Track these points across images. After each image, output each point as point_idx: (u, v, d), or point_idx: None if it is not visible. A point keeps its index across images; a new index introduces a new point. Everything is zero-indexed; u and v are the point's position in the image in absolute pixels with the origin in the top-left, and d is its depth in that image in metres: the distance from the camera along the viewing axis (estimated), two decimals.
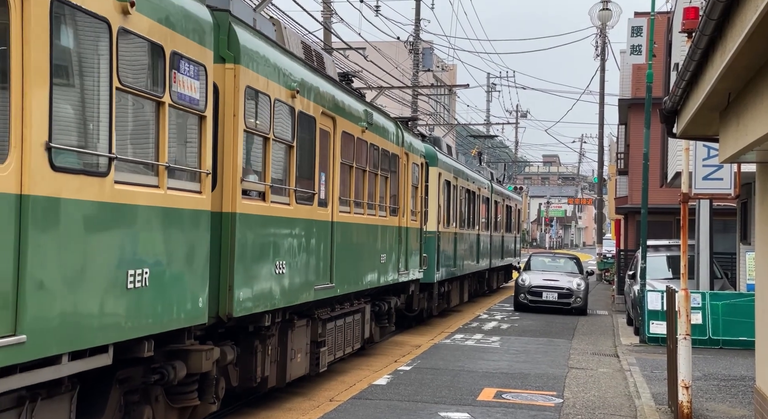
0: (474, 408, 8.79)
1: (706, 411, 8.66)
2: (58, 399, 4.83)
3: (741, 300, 13.67)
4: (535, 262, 22.66)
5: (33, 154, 4.29)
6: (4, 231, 4.15)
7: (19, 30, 4.25)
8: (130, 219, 5.25)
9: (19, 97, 4.23)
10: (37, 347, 4.34)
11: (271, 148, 7.63)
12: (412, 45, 28.71)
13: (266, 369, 7.93)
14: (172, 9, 5.71)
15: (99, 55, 4.89)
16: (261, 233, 7.42)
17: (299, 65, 8.50)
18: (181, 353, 6.13)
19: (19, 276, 4.22)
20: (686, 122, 7.16)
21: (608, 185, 38.97)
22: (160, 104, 5.56)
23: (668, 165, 16.58)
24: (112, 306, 5.05)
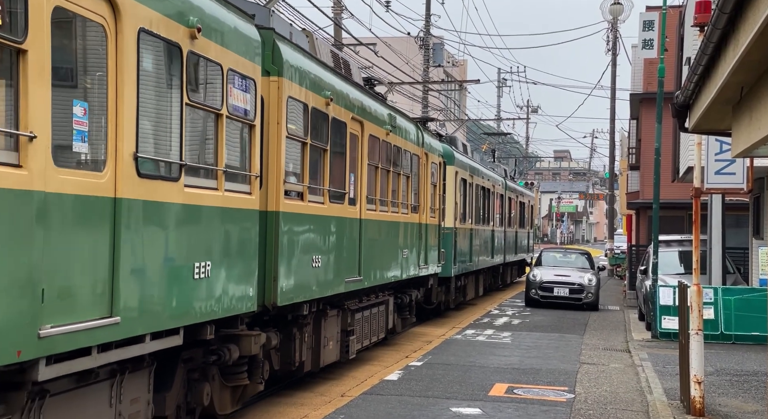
0: (485, 403, 8.80)
1: (719, 406, 8.64)
2: (140, 373, 5.68)
3: (753, 295, 13.65)
4: (546, 258, 22.65)
5: (124, 164, 5.10)
6: (102, 230, 4.95)
7: (114, 57, 5.04)
8: (196, 218, 6.05)
9: (113, 115, 5.03)
10: (127, 327, 5.14)
11: (308, 152, 8.47)
12: (423, 40, 28.69)
13: (303, 354, 8.84)
14: (228, 30, 6.54)
15: (172, 75, 5.72)
16: (300, 230, 8.25)
17: (331, 74, 9.34)
18: (234, 337, 6.95)
19: (113, 267, 5.02)
20: (698, 116, 7.13)
21: (620, 180, 38.85)
22: (218, 116, 6.40)
23: (680, 159, 16.52)
24: (183, 294, 5.85)
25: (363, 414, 8.19)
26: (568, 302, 20.40)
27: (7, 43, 4.08)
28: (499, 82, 51.04)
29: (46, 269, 4.36)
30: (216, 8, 6.33)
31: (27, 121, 4.22)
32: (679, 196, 21.05)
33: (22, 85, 4.20)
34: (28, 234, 4.25)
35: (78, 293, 4.68)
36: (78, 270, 4.69)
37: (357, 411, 8.30)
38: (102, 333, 4.86)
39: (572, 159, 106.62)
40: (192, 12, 5.87)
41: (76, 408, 4.98)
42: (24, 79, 4.20)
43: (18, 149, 4.21)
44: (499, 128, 50.31)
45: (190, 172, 5.88)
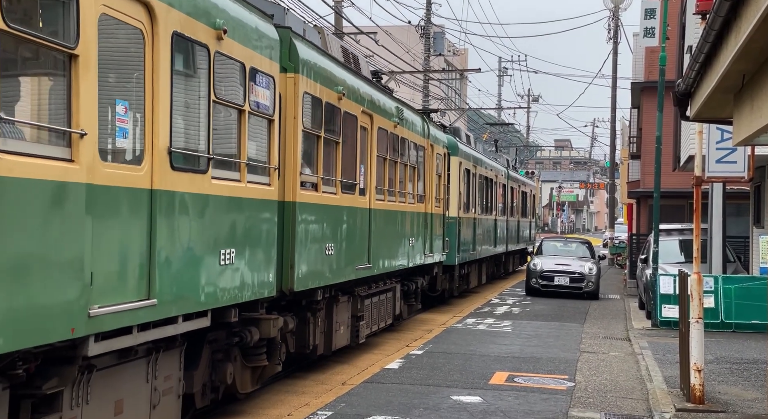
0: (486, 391, 8.83)
1: (719, 394, 8.67)
2: (172, 352, 6.17)
3: (754, 283, 13.68)
4: (546, 247, 22.69)
5: (160, 158, 5.54)
6: (141, 218, 5.39)
7: (151, 58, 5.48)
8: (221, 208, 6.49)
9: (150, 112, 5.47)
10: (163, 309, 5.60)
11: (322, 145, 8.94)
12: (424, 29, 28.58)
13: (316, 338, 9.33)
14: (250, 30, 6.99)
15: (200, 74, 6.18)
16: (314, 219, 8.73)
17: (343, 70, 9.79)
18: (254, 321, 7.40)
19: (150, 253, 5.46)
20: (700, 105, 7.12)
21: (620, 169, 38.81)
22: (241, 112, 6.85)
23: (681, 148, 16.49)
24: (210, 279, 6.32)
25: (363, 402, 8.24)
26: (568, 291, 20.47)
27: (62, 49, 4.56)
28: (500, 70, 50.92)
29: (94, 254, 4.82)
30: (239, 10, 6.79)
31: (78, 120, 4.67)
32: (680, 184, 21.04)
33: (73, 87, 4.65)
34: (80, 223, 4.69)
35: (120, 277, 5.16)
36: (120, 255, 5.16)
37: (358, 399, 8.35)
38: (141, 313, 5.33)
39: (573, 148, 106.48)
40: (219, 14, 6.34)
41: (118, 383, 5.48)
42: (75, 81, 4.65)
43: (70, 145, 4.66)
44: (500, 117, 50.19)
45: (216, 164, 6.35)
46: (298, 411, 7.88)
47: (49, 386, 4.79)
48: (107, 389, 5.34)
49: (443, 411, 8.01)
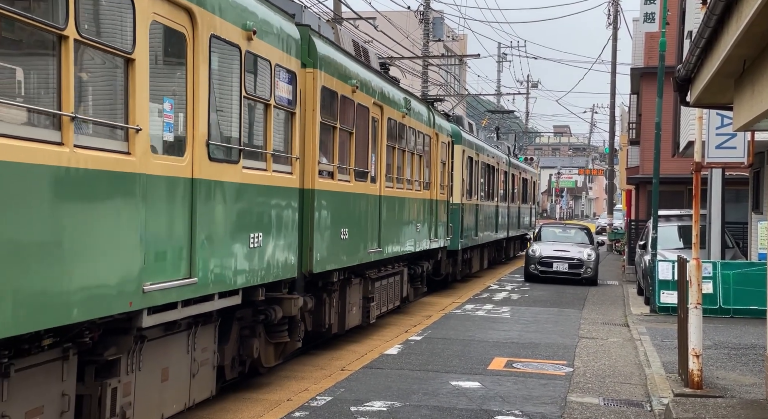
0: (485, 377, 8.87)
1: (717, 379, 8.71)
2: (208, 327, 6.84)
3: (752, 269, 13.71)
4: (545, 233, 22.76)
5: (199, 150, 6.19)
6: (184, 204, 6.04)
7: (192, 59, 6.12)
8: (250, 195, 7.12)
9: (191, 108, 6.12)
10: (202, 287, 6.26)
11: (337, 135, 9.60)
12: (423, 14, 28.46)
13: (331, 317, 9.99)
14: (275, 30, 7.61)
15: (233, 72, 6.82)
16: (331, 205, 9.39)
17: (356, 64, 10.43)
18: (277, 300, 8.05)
19: (192, 236, 6.10)
20: (700, 90, 7.11)
21: (619, 155, 38.79)
22: (267, 106, 7.49)
23: (680, 134, 16.48)
24: (242, 260, 6.96)
25: (363, 387, 8.28)
26: (567, 277, 20.54)
27: (122, 55, 5.21)
28: (499, 56, 50.74)
29: (147, 237, 5.47)
30: (267, 12, 7.44)
31: (134, 117, 5.31)
32: (679, 170, 21.07)
33: (130, 88, 5.30)
34: (136, 209, 5.34)
35: (167, 257, 5.81)
36: (167, 238, 5.80)
37: (357, 384, 8.39)
38: (184, 290, 5.99)
39: (572, 134, 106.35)
40: (249, 17, 6.96)
41: (164, 353, 6.16)
42: (132, 83, 5.30)
43: (128, 139, 5.30)
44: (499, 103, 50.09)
45: (246, 155, 7.00)
46: (298, 396, 7.94)
47: (109, 353, 5.46)
48: (155, 358, 6.03)
49: (442, 396, 8.05)
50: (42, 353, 4.82)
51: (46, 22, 4.47)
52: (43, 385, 4.88)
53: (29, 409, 4.71)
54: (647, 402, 8.14)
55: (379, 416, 7.28)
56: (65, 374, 5.05)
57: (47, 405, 4.89)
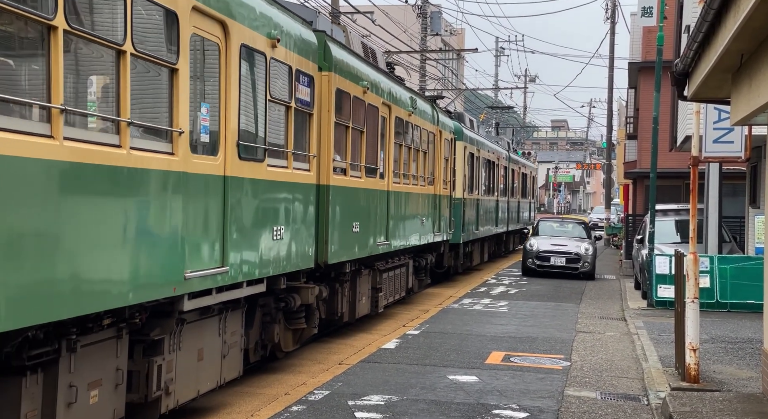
0: (482, 371, 8.90)
1: (714, 373, 8.74)
2: (236, 312, 7.50)
3: (749, 263, 13.76)
4: (543, 227, 22.83)
5: (230, 149, 6.85)
6: (217, 200, 6.69)
7: (224, 67, 6.79)
8: (275, 191, 7.79)
9: (223, 111, 6.80)
10: (233, 275, 6.92)
11: (350, 134, 10.26)
12: (420, 9, 28.41)
13: (343, 306, 10.64)
14: (296, 37, 8.30)
15: (258, 77, 7.47)
16: (344, 200, 10.01)
17: (366, 66, 11.10)
18: (296, 289, 8.71)
19: (224, 228, 6.75)
20: (697, 84, 7.12)
21: (617, 150, 38.81)
22: (288, 108, 8.17)
23: (678, 128, 16.49)
24: (266, 251, 7.62)
25: (360, 381, 8.31)
26: (564, 271, 20.63)
27: (168, 65, 5.89)
28: (497, 50, 50.68)
29: (187, 229, 6.14)
30: (288, 21, 8.13)
31: (178, 121, 5.99)
32: (677, 165, 21.09)
33: (174, 95, 5.97)
34: (178, 203, 6.01)
35: (204, 247, 6.47)
36: (203, 230, 6.47)
37: (354, 378, 8.42)
38: (218, 278, 6.67)
39: (570, 128, 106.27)
40: (273, 26, 7.64)
41: (199, 335, 6.84)
42: (176, 90, 5.97)
43: (172, 141, 5.97)
44: (497, 97, 50.05)
45: (270, 154, 7.67)
46: (295, 390, 7.98)
47: (155, 334, 6.13)
48: (193, 339, 6.70)
49: (439, 390, 8.08)
50: (102, 331, 5.51)
51: (108, 40, 5.17)
52: (102, 360, 5.57)
53: (91, 381, 5.41)
54: (644, 396, 8.18)
55: (376, 410, 7.32)
56: (119, 351, 5.75)
57: (105, 378, 5.59)
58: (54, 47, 4.55)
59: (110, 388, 5.63)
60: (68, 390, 5.15)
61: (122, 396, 5.80)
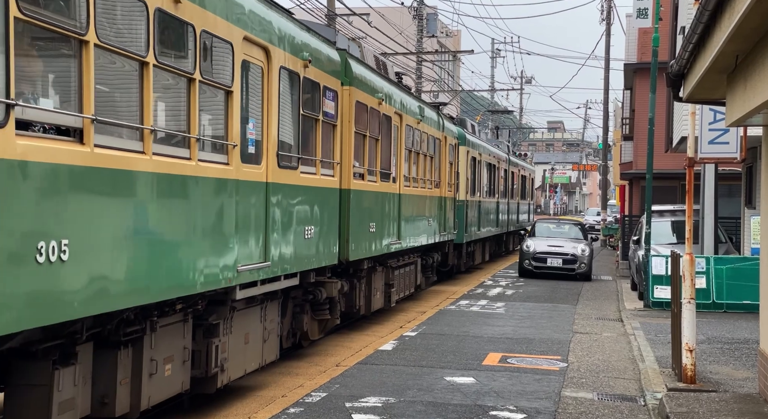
0: (479, 372, 8.93)
1: (710, 373, 8.79)
2: (274, 302, 8.60)
3: (745, 264, 13.84)
4: (539, 229, 22.96)
5: (271, 159, 7.99)
6: (261, 203, 7.73)
7: (266, 87, 7.92)
8: (306, 195, 8.92)
9: (266, 126, 7.93)
10: (274, 269, 8.05)
11: (367, 142, 11.34)
12: (416, 10, 28.44)
13: (360, 300, 11.68)
14: (323, 57, 9.47)
15: (293, 95, 8.61)
16: (362, 202, 11.07)
17: (380, 78, 12.20)
18: (322, 283, 9.76)
19: (266, 227, 7.87)
20: (693, 86, 7.16)
21: (613, 151, 38.93)
22: (316, 120, 9.32)
23: (674, 129, 16.57)
24: (299, 248, 8.73)
25: (357, 383, 8.34)
26: (561, 272, 20.74)
27: (225, 89, 7.02)
28: (493, 52, 50.75)
29: (239, 228, 7.25)
30: (318, 43, 9.35)
31: (232, 135, 7.15)
32: (673, 166, 21.20)
33: (229, 113, 7.11)
34: (232, 207, 7.12)
35: (251, 244, 7.54)
36: (251, 229, 7.54)
37: (351, 380, 8.45)
38: (262, 272, 7.78)
39: (566, 130, 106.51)
40: (305, 49, 8.81)
41: (246, 321, 7.93)
42: (231, 109, 7.11)
43: (227, 153, 7.12)
44: (493, 99, 50.09)
45: (302, 162, 8.84)
46: (292, 392, 8.03)
47: (212, 319, 7.25)
48: (241, 325, 7.79)
49: (437, 392, 8.12)
50: (174, 315, 6.60)
51: (183, 70, 6.32)
52: (174, 340, 6.67)
53: (166, 356, 6.52)
54: (641, 397, 8.24)
55: (374, 412, 7.37)
56: (185, 333, 6.86)
57: (175, 354, 6.69)
58: (146, 81, 5.75)
59: (179, 363, 6.77)
60: (150, 363, 6.29)
61: (188, 371, 6.93)
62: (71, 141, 4.94)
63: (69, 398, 5.32)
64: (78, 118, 4.97)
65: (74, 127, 4.96)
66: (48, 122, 4.80)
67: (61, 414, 5.23)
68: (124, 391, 5.93)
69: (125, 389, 5.95)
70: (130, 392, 6.02)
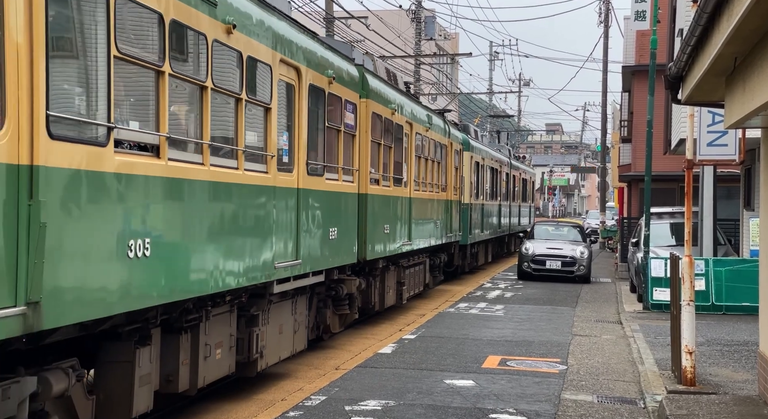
0: (479, 375, 8.96)
1: (710, 375, 8.81)
2: (303, 297, 9.62)
3: (744, 266, 13.91)
4: (538, 231, 23.04)
5: (301, 167, 9.03)
6: (293, 207, 8.76)
7: (297, 103, 8.94)
8: (330, 199, 9.92)
9: (296, 138, 8.98)
10: (304, 267, 9.09)
11: (381, 150, 12.36)
12: (414, 13, 28.47)
13: (375, 297, 12.70)
14: (344, 74, 10.51)
15: (320, 109, 9.69)
16: (378, 206, 12.05)
17: (393, 90, 13.22)
18: (342, 280, 10.79)
19: (297, 229, 8.87)
20: (691, 88, 7.19)
21: (611, 153, 38.97)
22: (338, 131, 10.37)
23: (672, 132, 16.61)
24: (325, 248, 9.76)
25: (357, 386, 8.36)
26: (560, 275, 20.81)
27: (264, 106, 8.08)
28: (491, 55, 50.80)
29: (276, 229, 8.26)
30: (340, 61, 10.42)
31: (270, 147, 8.18)
32: (671, 168, 21.30)
33: (268, 127, 8.14)
34: (271, 209, 8.13)
35: (285, 244, 8.55)
36: (285, 229, 8.54)
37: (351, 383, 8.47)
38: (294, 268, 8.81)
39: (564, 132, 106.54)
40: (330, 67, 9.85)
41: (280, 313, 8.95)
42: (269, 124, 8.15)
43: (266, 163, 8.13)
44: (491, 101, 50.14)
45: (327, 169, 9.87)
46: (292, 396, 8.04)
47: (253, 310, 8.26)
48: (276, 317, 8.82)
49: (436, 395, 8.15)
50: (224, 305, 7.61)
51: (233, 91, 7.38)
52: (222, 327, 7.69)
53: (216, 342, 7.54)
54: (641, 399, 8.28)
55: (373, 415, 7.39)
56: (231, 322, 7.87)
57: (224, 341, 7.72)
58: (205, 102, 6.82)
59: (227, 349, 7.78)
60: (205, 347, 7.28)
61: (233, 356, 7.93)
62: (150, 155, 6.00)
63: (146, 373, 6.36)
64: (155, 136, 6.03)
65: (152, 143, 6.02)
66: (133, 140, 5.84)
67: (141, 387, 6.25)
68: (185, 371, 6.96)
69: (186, 369, 6.99)
70: (189, 372, 7.04)
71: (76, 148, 4.97)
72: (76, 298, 5.00)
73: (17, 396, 4.76)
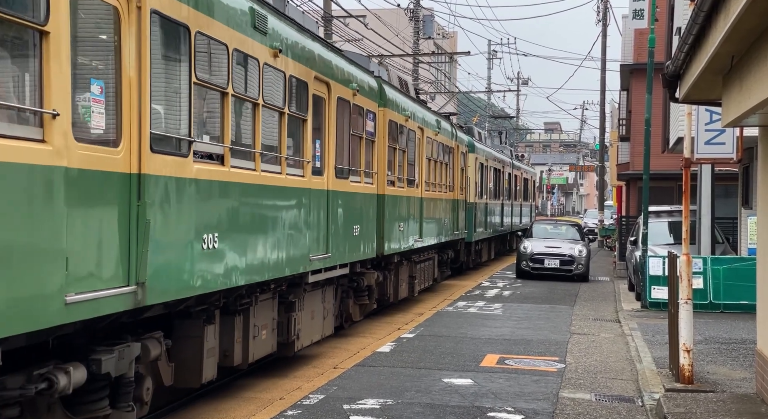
0: (477, 374, 8.99)
1: (707, 373, 8.84)
2: (331, 287, 10.96)
3: (742, 264, 13.95)
4: (537, 230, 23.17)
5: (331, 171, 10.32)
6: (323, 206, 9.97)
7: (327, 114, 10.20)
8: (354, 199, 11.24)
9: (326, 144, 10.25)
10: (333, 260, 10.41)
11: (397, 154, 13.70)
12: (413, 12, 28.47)
13: (390, 290, 13.94)
14: (365, 85, 11.79)
15: (345, 119, 10.88)
16: (394, 205, 13.31)
17: (406, 98, 14.47)
18: (362, 273, 12.09)
19: (327, 226, 10.17)
20: (689, 86, 7.21)
21: (610, 152, 39.06)
22: (360, 138, 11.68)
23: (670, 130, 16.64)
24: (350, 243, 11.02)
25: (355, 385, 8.40)
26: (558, 273, 20.95)
27: (302, 118, 9.38)
28: (490, 54, 50.84)
29: (310, 226, 9.54)
30: (362, 74, 11.71)
31: (306, 154, 9.52)
32: (669, 166, 21.39)
33: (304, 137, 9.50)
34: (307, 208, 9.37)
35: (317, 239, 9.78)
36: (317, 226, 9.79)
37: (349, 382, 8.50)
38: (325, 261, 10.10)
39: (563, 131, 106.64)
40: (354, 80, 11.09)
41: (312, 301, 10.23)
42: (305, 134, 9.50)
43: (302, 168, 9.48)
44: (490, 100, 50.18)
45: (351, 172, 11.16)
46: (290, 395, 8.09)
47: (291, 297, 9.53)
48: (309, 304, 10.11)
49: (435, 393, 8.19)
50: (268, 292, 8.84)
51: (278, 106, 8.66)
52: (266, 311, 8.92)
53: (262, 324, 8.81)
54: (639, 398, 8.33)
55: (372, 414, 7.43)
56: (273, 307, 9.12)
57: (268, 323, 8.98)
58: (257, 117, 8.07)
59: (270, 331, 9.03)
60: (254, 328, 8.54)
61: (275, 337, 9.19)
62: (217, 163, 7.30)
63: (212, 347, 7.62)
64: (221, 147, 7.32)
65: (217, 153, 7.33)
66: (204, 151, 7.10)
67: (208, 358, 7.52)
68: (239, 348, 8.20)
69: (239, 346, 8.22)
70: (242, 349, 8.26)
71: (168, 159, 6.30)
72: (169, 281, 6.35)
73: (128, 357, 6.03)
